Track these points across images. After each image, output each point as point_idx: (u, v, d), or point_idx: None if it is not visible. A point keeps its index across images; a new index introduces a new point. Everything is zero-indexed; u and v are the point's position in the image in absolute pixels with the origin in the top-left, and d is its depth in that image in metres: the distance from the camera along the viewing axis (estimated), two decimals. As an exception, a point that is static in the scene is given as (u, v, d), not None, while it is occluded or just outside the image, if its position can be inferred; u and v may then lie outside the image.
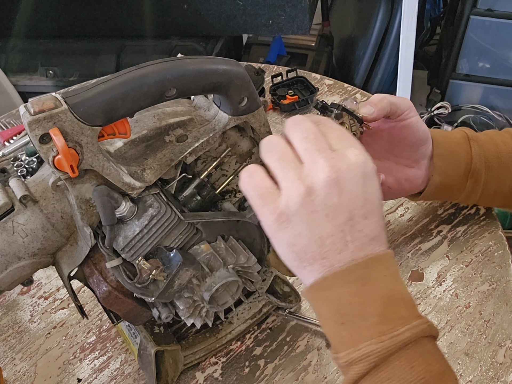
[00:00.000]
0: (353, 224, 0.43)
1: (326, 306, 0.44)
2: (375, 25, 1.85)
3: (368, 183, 0.44)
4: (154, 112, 0.54)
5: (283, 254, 0.46)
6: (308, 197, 0.43)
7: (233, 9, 1.59)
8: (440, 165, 0.68)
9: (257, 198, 0.45)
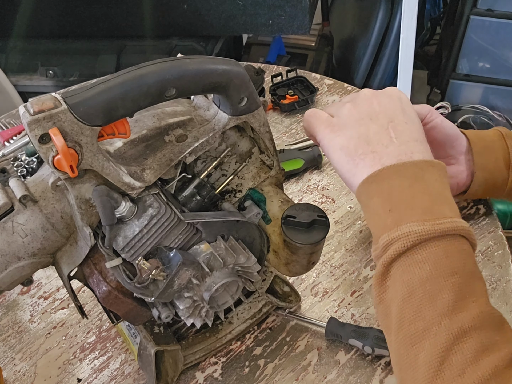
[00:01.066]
0: (395, 125, 0.51)
1: (377, 196, 0.48)
2: (375, 25, 1.85)
3: (404, 103, 0.53)
4: (153, 112, 0.54)
5: (338, 161, 0.52)
6: (353, 108, 0.53)
7: (233, 9, 1.59)
8: (480, 161, 0.70)
9: (317, 122, 0.55)
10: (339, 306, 0.71)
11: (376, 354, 0.64)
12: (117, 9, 1.67)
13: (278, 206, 0.58)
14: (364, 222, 0.81)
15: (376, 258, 0.46)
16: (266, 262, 0.63)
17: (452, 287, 0.42)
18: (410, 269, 0.44)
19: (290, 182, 0.89)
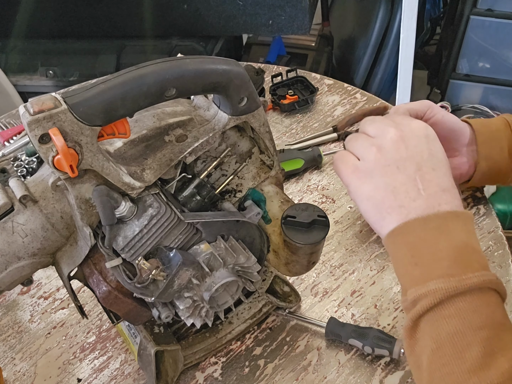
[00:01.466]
0: (422, 174, 0.49)
1: (404, 248, 0.48)
2: (375, 25, 1.85)
3: (431, 142, 0.51)
4: (153, 112, 0.54)
5: (365, 210, 0.52)
6: (379, 153, 0.51)
7: (233, 9, 1.59)
8: (484, 151, 0.70)
9: (344, 167, 0.54)
10: (339, 306, 0.71)
11: (376, 354, 0.64)
12: (117, 9, 1.67)
13: (278, 206, 0.58)
14: (364, 222, 0.81)
15: (406, 310, 0.47)
16: (266, 262, 0.63)
17: (481, 341, 0.42)
18: (438, 324, 0.44)
19: (290, 182, 0.89)
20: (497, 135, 0.71)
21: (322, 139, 0.94)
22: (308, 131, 0.97)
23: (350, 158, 0.53)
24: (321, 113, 1.00)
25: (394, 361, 0.64)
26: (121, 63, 1.69)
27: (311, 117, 1.00)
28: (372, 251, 0.77)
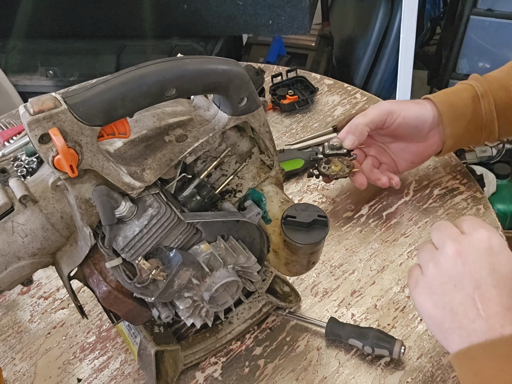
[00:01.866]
0: (482, 292, 0.46)
1: (470, 375, 0.45)
2: (375, 25, 1.85)
3: (494, 256, 0.47)
4: (153, 112, 0.54)
5: (429, 327, 0.50)
6: (436, 269, 0.49)
7: (233, 9, 1.59)
8: (450, 130, 0.72)
9: (409, 280, 0.52)
10: (339, 306, 0.71)
11: (376, 354, 0.64)
12: (117, 9, 1.67)
13: (278, 206, 0.58)
14: (364, 222, 0.81)
15: None
16: (266, 262, 0.63)
17: None
18: None
19: (290, 182, 0.89)
20: (463, 112, 0.72)
21: (322, 139, 0.94)
22: (308, 131, 0.97)
23: (415, 271, 0.52)
24: (321, 113, 1.00)
25: (394, 361, 0.64)
26: (121, 63, 1.69)
27: (311, 117, 1.00)
28: (372, 251, 0.77)
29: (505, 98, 0.73)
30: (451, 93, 0.75)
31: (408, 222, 0.80)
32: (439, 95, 0.75)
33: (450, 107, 0.72)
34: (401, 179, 0.86)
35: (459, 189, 0.84)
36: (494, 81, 0.74)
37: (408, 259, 0.75)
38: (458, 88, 0.76)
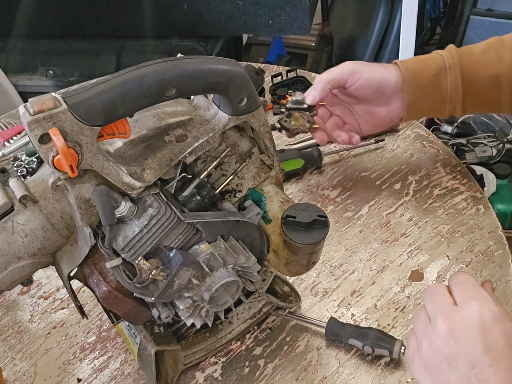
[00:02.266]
0: (478, 372, 0.44)
1: None
2: (375, 25, 1.85)
3: (487, 331, 0.45)
4: (153, 112, 0.54)
5: None
6: (430, 348, 0.47)
7: (233, 9, 1.59)
8: (412, 98, 0.73)
9: (407, 351, 0.51)
10: (339, 306, 0.71)
11: (376, 354, 0.64)
12: (117, 9, 1.67)
13: (278, 206, 0.58)
14: (364, 222, 0.81)
15: None
16: (266, 262, 0.63)
17: None
18: None
19: (290, 182, 0.89)
20: (427, 83, 0.72)
21: (322, 139, 0.94)
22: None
23: (412, 343, 0.50)
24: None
25: (394, 361, 0.64)
26: (121, 63, 1.69)
27: (311, 117, 1.00)
28: (372, 251, 0.77)
29: (473, 74, 0.73)
30: (419, 61, 0.74)
31: (408, 222, 0.80)
32: (408, 61, 0.74)
33: (414, 74, 0.72)
34: (401, 179, 0.86)
35: (459, 189, 0.84)
36: (467, 54, 0.74)
37: (408, 259, 0.75)
38: (429, 56, 0.75)
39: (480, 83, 0.74)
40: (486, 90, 0.74)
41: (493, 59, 0.73)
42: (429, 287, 0.52)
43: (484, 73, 0.73)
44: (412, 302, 0.70)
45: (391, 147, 0.93)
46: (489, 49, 0.73)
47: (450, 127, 1.69)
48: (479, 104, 0.76)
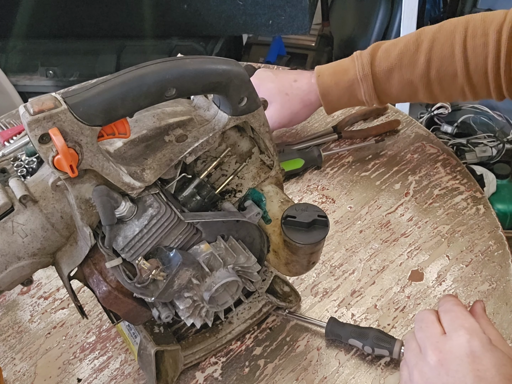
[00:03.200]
0: None
1: None
2: (375, 25, 1.85)
3: (477, 361, 0.45)
4: (153, 112, 0.54)
5: None
6: (421, 379, 0.47)
7: (233, 9, 1.59)
8: (329, 108, 0.85)
9: (400, 379, 0.52)
10: (339, 306, 0.71)
11: (376, 354, 0.64)
12: (117, 9, 1.67)
13: (278, 206, 0.58)
14: (364, 222, 0.81)
15: None
16: (266, 262, 0.63)
17: None
18: None
19: (290, 182, 0.89)
20: (341, 94, 0.81)
21: (322, 139, 0.94)
22: (308, 131, 0.97)
23: (404, 373, 0.51)
24: (321, 113, 0.99)
25: (394, 361, 0.64)
26: (121, 63, 1.69)
27: (311, 117, 1.00)
28: (372, 251, 0.77)
29: (386, 82, 0.77)
30: (334, 74, 0.80)
31: (408, 222, 0.80)
32: (325, 73, 0.81)
33: (329, 88, 0.80)
34: (401, 179, 0.86)
35: (459, 189, 0.84)
36: (383, 59, 0.77)
37: (408, 259, 0.75)
38: (344, 67, 0.80)
39: (392, 89, 0.78)
40: (400, 94, 0.79)
41: (407, 64, 0.76)
42: (419, 314, 0.52)
43: (398, 79, 0.77)
44: (412, 302, 0.70)
45: (391, 147, 0.93)
46: (405, 53, 0.76)
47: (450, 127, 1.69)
48: (396, 100, 0.84)
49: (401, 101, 0.85)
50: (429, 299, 0.70)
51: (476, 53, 0.72)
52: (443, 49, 0.73)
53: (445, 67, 0.74)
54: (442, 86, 0.76)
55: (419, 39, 0.75)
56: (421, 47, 0.75)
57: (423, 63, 0.75)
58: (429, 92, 0.78)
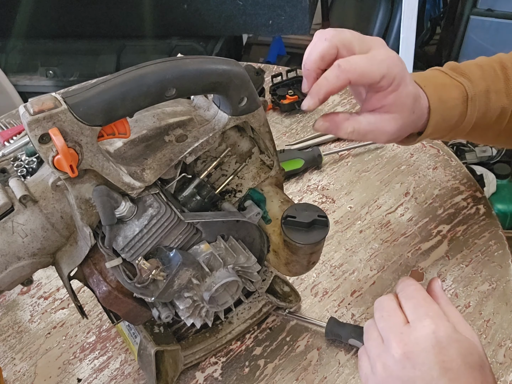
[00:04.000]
0: None
1: None
2: (375, 25, 1.85)
3: (443, 351, 0.44)
4: (153, 112, 0.54)
5: None
6: (385, 372, 0.46)
7: (233, 9, 1.59)
8: (434, 127, 0.62)
9: (360, 370, 0.49)
10: (339, 306, 0.71)
11: (376, 354, 0.64)
12: (117, 9, 1.67)
13: (278, 206, 0.58)
14: (364, 222, 0.81)
15: None
16: (266, 262, 0.63)
17: None
18: None
19: (290, 182, 0.89)
20: (451, 112, 0.63)
21: (322, 139, 0.94)
22: (308, 131, 0.97)
23: (364, 364, 0.49)
24: (321, 113, 1.00)
25: (394, 361, 0.64)
26: (121, 63, 1.70)
27: (311, 117, 1.00)
28: (372, 251, 0.77)
29: (484, 106, 0.65)
30: (440, 87, 0.63)
31: (408, 222, 0.80)
32: (429, 87, 0.62)
33: (441, 103, 0.61)
34: (401, 179, 0.86)
35: (459, 189, 0.84)
36: (478, 81, 0.65)
37: (408, 259, 0.75)
38: (446, 82, 0.64)
39: (488, 115, 0.66)
40: (491, 123, 0.67)
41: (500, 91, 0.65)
42: (378, 301, 0.50)
43: (494, 105, 0.66)
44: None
45: (391, 147, 0.93)
46: (495, 78, 0.66)
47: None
48: (485, 133, 0.69)
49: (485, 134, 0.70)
50: (429, 299, 0.70)
51: None
52: None
53: None
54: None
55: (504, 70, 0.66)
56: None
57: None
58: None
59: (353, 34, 0.55)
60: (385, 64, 0.54)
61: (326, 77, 0.53)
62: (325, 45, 0.53)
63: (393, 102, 0.56)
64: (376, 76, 0.53)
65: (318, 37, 0.54)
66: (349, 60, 0.53)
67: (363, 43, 0.55)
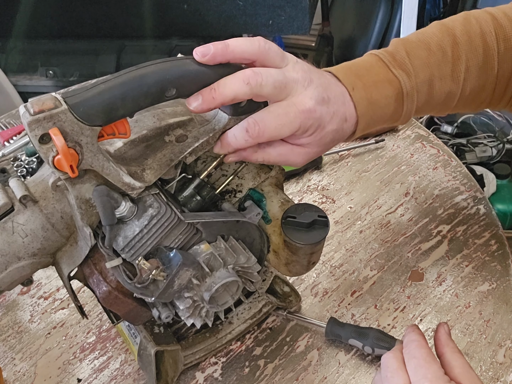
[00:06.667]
0: None
1: None
2: (375, 25, 1.85)
3: None
4: (154, 112, 0.54)
5: None
6: None
7: (233, 9, 1.59)
8: (362, 129, 0.59)
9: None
10: (339, 306, 0.71)
11: (376, 354, 0.64)
12: (117, 9, 1.67)
13: (278, 206, 0.58)
14: (364, 222, 0.81)
15: None
16: (266, 262, 0.63)
17: None
18: None
19: (290, 182, 0.89)
20: (382, 113, 0.59)
21: (322, 139, 0.94)
22: (308, 131, 0.97)
23: None
24: (321, 113, 1.00)
25: (394, 361, 0.64)
26: (121, 63, 1.69)
27: (311, 117, 1.00)
28: (372, 251, 0.77)
29: (426, 95, 0.61)
30: (372, 86, 0.58)
31: (408, 222, 0.80)
32: (359, 89, 0.56)
33: (369, 105, 0.57)
34: (401, 179, 0.86)
35: (459, 189, 0.84)
36: (420, 70, 0.60)
37: (408, 259, 0.75)
38: (379, 78, 0.58)
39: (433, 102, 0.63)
40: (439, 105, 0.64)
41: (446, 75, 0.61)
42: (385, 357, 0.52)
43: (438, 92, 0.62)
44: (412, 302, 0.70)
45: (391, 147, 0.93)
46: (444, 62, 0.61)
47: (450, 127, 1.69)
48: (432, 107, 0.65)
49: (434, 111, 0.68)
50: (429, 299, 0.70)
51: (505, 58, 0.62)
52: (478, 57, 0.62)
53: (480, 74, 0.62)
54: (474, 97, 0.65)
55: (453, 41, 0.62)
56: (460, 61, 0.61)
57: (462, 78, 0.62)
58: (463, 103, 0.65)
59: (277, 78, 0.50)
60: (298, 121, 0.51)
61: (236, 136, 0.51)
62: (243, 90, 0.48)
63: (309, 142, 0.54)
64: (287, 133, 0.51)
65: (241, 77, 0.49)
66: (258, 123, 0.50)
67: (282, 92, 0.51)
